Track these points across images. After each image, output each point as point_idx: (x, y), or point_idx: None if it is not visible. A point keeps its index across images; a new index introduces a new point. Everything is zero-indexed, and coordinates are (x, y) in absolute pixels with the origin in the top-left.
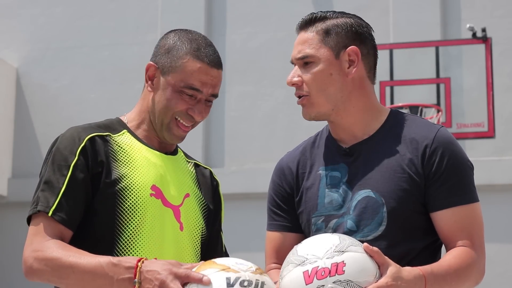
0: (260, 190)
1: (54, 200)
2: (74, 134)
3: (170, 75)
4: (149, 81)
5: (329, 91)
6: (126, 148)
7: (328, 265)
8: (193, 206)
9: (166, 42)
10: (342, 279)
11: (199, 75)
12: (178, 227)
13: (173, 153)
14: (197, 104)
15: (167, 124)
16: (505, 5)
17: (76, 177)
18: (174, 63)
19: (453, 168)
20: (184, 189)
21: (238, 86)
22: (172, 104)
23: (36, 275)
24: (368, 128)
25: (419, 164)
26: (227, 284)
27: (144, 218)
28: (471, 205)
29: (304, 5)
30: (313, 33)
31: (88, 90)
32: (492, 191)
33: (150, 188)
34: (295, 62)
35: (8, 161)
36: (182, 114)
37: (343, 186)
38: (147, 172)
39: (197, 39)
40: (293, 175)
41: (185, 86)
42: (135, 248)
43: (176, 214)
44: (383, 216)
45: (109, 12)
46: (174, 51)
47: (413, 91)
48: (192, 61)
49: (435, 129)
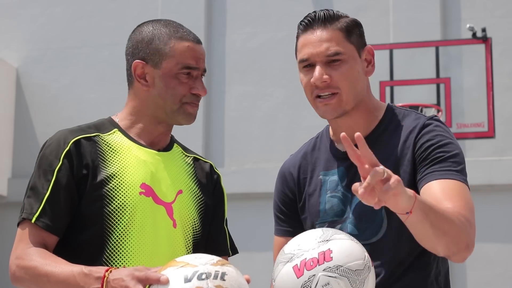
0: (260, 190)
1: (38, 206)
2: (60, 138)
3: (163, 63)
4: (141, 79)
5: (357, 89)
6: (115, 147)
7: (315, 255)
8: (187, 202)
9: (140, 36)
10: (331, 265)
11: (190, 53)
12: (171, 224)
13: (166, 149)
14: (196, 81)
15: (177, 110)
16: (505, 5)
17: (61, 181)
18: (162, 50)
19: (438, 147)
20: (177, 185)
21: (238, 86)
22: (176, 90)
23: (19, 282)
24: (367, 127)
25: (411, 158)
26: (185, 279)
27: (133, 217)
28: (458, 182)
29: (304, 5)
30: (336, 31)
31: (88, 90)
32: (492, 191)
33: (140, 186)
34: (319, 59)
35: (8, 161)
36: (187, 97)
37: (342, 191)
38: (136, 171)
39: (170, 23)
40: (295, 181)
41: (182, 68)
42: (125, 248)
43: (168, 211)
44: (383, 218)
45: (109, 12)
46: (156, 40)
47: (413, 91)
48: (179, 42)
49: (424, 119)
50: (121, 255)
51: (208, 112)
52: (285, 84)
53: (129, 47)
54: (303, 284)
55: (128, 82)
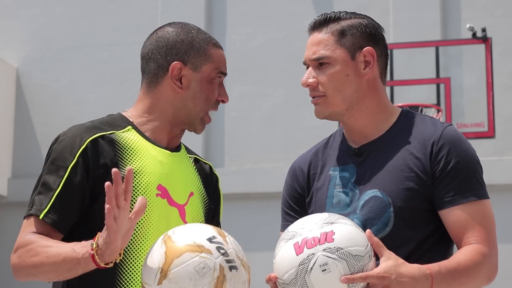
0: (259, 190)
1: (48, 202)
2: (76, 134)
3: (203, 67)
4: (176, 81)
5: (345, 92)
6: (132, 146)
7: (317, 234)
8: (197, 204)
9: (179, 38)
10: (332, 246)
11: (223, 60)
12: None
13: (177, 149)
14: (221, 88)
15: (202, 117)
16: (505, 5)
17: (73, 179)
18: (203, 55)
19: (461, 165)
20: (189, 187)
21: (238, 86)
22: (211, 95)
23: (18, 272)
24: (379, 129)
25: (426, 163)
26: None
27: (149, 219)
28: (481, 201)
29: (304, 5)
30: (328, 34)
31: (88, 90)
32: (492, 191)
33: (156, 188)
34: (309, 63)
35: (8, 161)
36: (215, 104)
37: (351, 186)
38: (153, 171)
39: (197, 28)
40: (304, 176)
41: (218, 73)
42: (140, 250)
43: (181, 214)
44: (390, 216)
45: (109, 12)
46: (197, 44)
47: (413, 91)
48: (215, 48)
49: (442, 127)
50: (136, 256)
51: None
52: (285, 84)
53: (161, 47)
54: (302, 262)
55: (149, 81)
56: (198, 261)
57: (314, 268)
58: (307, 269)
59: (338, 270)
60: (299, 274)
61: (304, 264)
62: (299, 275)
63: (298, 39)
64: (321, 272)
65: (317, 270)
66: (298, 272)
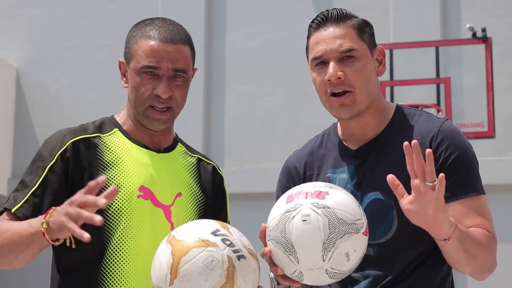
0: (259, 190)
1: (22, 198)
2: (59, 137)
3: (131, 63)
4: (124, 77)
5: (369, 88)
6: (114, 148)
7: (312, 190)
8: (186, 205)
9: (128, 35)
10: (320, 202)
11: (152, 52)
12: (169, 227)
13: (167, 149)
14: (160, 82)
15: (143, 112)
16: (505, 5)
17: (50, 179)
18: (131, 50)
19: (460, 160)
20: (176, 188)
21: (238, 86)
22: (139, 90)
23: None
24: (378, 127)
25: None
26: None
27: (131, 221)
28: (480, 196)
29: (304, 5)
30: (350, 28)
31: (88, 90)
32: (492, 191)
33: (138, 189)
34: (333, 56)
35: (8, 161)
36: (152, 98)
37: (351, 189)
38: (135, 173)
39: (153, 23)
40: (300, 177)
41: (142, 67)
42: (124, 252)
43: (167, 214)
44: (394, 218)
45: (109, 12)
46: (130, 40)
47: (413, 91)
48: (144, 42)
49: (439, 122)
50: (120, 258)
51: (208, 112)
52: (285, 84)
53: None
54: (288, 209)
55: None
56: (206, 255)
57: (296, 217)
58: (289, 217)
59: (318, 225)
60: (281, 220)
61: (289, 212)
62: (281, 221)
63: (298, 39)
64: (301, 221)
65: (298, 219)
66: (281, 218)
